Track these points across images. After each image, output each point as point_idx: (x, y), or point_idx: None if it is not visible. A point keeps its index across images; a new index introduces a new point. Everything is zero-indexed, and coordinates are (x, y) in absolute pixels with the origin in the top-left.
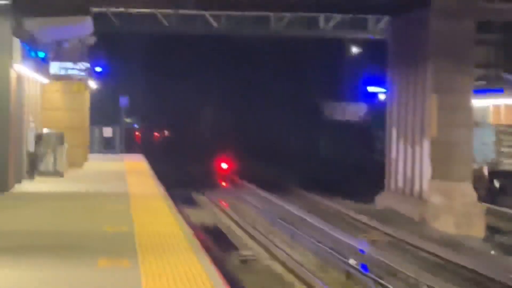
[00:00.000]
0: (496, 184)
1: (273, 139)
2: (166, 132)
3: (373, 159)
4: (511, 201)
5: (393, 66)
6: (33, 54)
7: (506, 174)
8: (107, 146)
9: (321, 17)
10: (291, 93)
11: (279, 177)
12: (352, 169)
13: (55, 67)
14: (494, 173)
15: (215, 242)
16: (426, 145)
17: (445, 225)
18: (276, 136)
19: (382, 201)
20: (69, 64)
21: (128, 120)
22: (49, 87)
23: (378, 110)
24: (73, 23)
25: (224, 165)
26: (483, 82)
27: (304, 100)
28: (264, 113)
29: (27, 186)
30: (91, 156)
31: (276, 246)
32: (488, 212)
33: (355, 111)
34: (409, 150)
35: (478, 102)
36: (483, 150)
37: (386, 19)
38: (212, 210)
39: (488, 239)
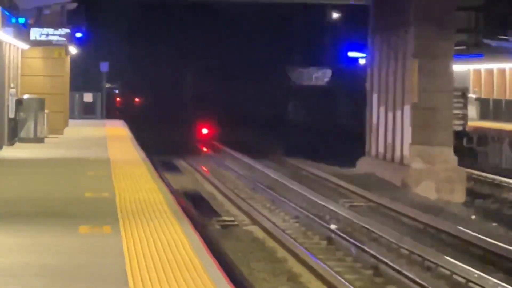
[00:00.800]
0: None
1: (249, 105)
2: (146, 98)
3: (336, 122)
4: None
5: (374, 31)
6: (13, 20)
7: (455, 134)
8: (88, 111)
9: None
10: (265, 59)
11: (256, 142)
12: (318, 132)
13: (35, 33)
14: None
15: (196, 208)
16: (407, 110)
17: (426, 190)
18: (252, 102)
19: (363, 166)
20: (50, 30)
21: (109, 85)
22: (30, 53)
23: (343, 74)
24: None
25: (204, 130)
26: (464, 47)
27: (275, 66)
28: (242, 79)
29: (8, 152)
30: (72, 122)
31: (257, 211)
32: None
33: (321, 76)
34: (390, 115)
35: (459, 67)
36: None
37: None
38: (193, 176)
39: (468, 204)
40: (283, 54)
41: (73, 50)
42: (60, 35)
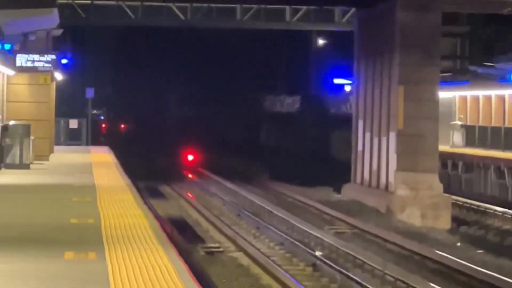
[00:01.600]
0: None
1: (228, 131)
2: (131, 124)
3: (306, 146)
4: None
5: (360, 58)
6: None
7: None
8: (74, 138)
9: (287, 9)
10: (245, 87)
11: (231, 166)
12: (286, 155)
13: (21, 59)
14: None
15: (181, 234)
16: (393, 137)
17: (411, 217)
18: (230, 128)
19: (348, 192)
20: (35, 56)
21: (94, 111)
22: (15, 79)
23: (311, 100)
24: (39, 15)
25: (190, 157)
26: (449, 74)
27: (253, 94)
28: (223, 106)
29: None
30: (58, 148)
31: (242, 237)
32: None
33: (292, 103)
34: (376, 142)
35: (444, 94)
36: None
37: (352, 11)
38: (178, 202)
39: (453, 230)
40: (265, 82)
41: (58, 76)
42: (46, 61)
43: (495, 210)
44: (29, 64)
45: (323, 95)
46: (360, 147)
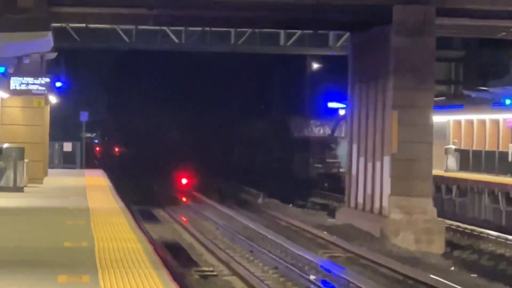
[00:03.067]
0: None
1: (223, 154)
2: (125, 147)
3: (272, 166)
4: None
5: (354, 82)
6: None
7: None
8: (68, 161)
9: (282, 33)
10: (236, 111)
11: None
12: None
13: (15, 82)
14: None
15: (175, 258)
16: (386, 161)
17: (405, 241)
18: (224, 152)
19: (341, 216)
20: (30, 79)
21: (88, 135)
22: (9, 102)
23: (276, 123)
24: (34, 38)
25: (184, 181)
26: (443, 98)
27: (238, 119)
28: (217, 130)
29: None
30: (52, 171)
31: (236, 261)
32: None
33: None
34: (370, 166)
35: (439, 118)
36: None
37: (347, 35)
38: (172, 226)
39: (447, 255)
40: (259, 105)
41: (52, 99)
42: (40, 85)
43: (489, 234)
44: (23, 87)
45: (286, 118)
46: (354, 171)
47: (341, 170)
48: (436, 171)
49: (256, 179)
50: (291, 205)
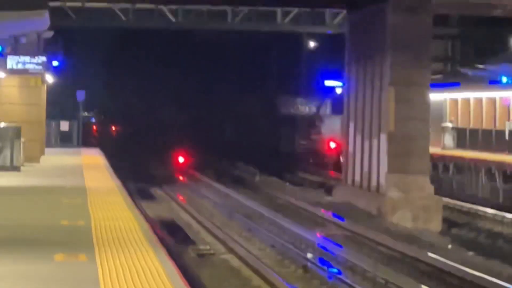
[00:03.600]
0: (341, 158)
1: (220, 132)
2: (122, 126)
3: (260, 142)
4: None
5: (350, 60)
6: None
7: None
8: (65, 140)
9: (279, 11)
10: (232, 89)
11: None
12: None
13: (12, 61)
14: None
15: (172, 236)
16: (383, 138)
17: (403, 219)
18: (221, 129)
19: (339, 194)
20: (26, 59)
21: (85, 114)
22: (6, 82)
23: (264, 101)
24: (30, 17)
25: (181, 159)
26: (440, 76)
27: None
28: (214, 108)
29: None
30: (49, 151)
31: (233, 239)
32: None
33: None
34: (366, 144)
35: (435, 96)
36: (332, 134)
37: (343, 13)
38: (169, 204)
39: (444, 232)
40: (256, 83)
41: (49, 78)
42: (36, 64)
43: (486, 212)
44: (20, 66)
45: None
46: (351, 149)
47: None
48: (433, 149)
49: (246, 154)
50: (287, 183)
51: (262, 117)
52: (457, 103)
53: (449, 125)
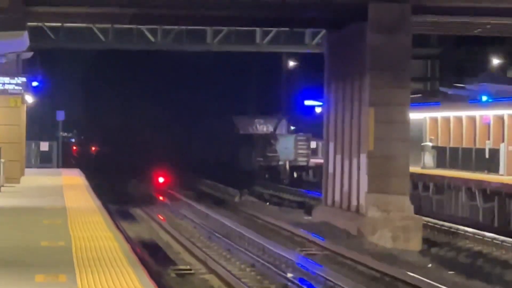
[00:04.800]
0: (295, 174)
1: (198, 152)
2: (102, 146)
3: (222, 160)
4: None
5: (330, 80)
6: None
7: (300, 167)
8: (44, 160)
9: (258, 31)
10: (211, 109)
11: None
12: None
13: None
14: (293, 167)
15: (152, 256)
16: (363, 158)
17: (382, 238)
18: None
19: (318, 214)
20: (6, 79)
21: (65, 134)
22: None
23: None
24: (9, 37)
25: (160, 179)
26: (420, 95)
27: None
28: (191, 128)
29: None
30: (28, 171)
31: (213, 259)
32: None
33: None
34: (346, 164)
35: (415, 115)
36: (286, 152)
37: (323, 33)
38: (149, 224)
39: (425, 252)
40: (235, 104)
41: (29, 99)
42: (16, 84)
43: (466, 231)
44: None
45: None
46: (331, 169)
47: (280, 163)
48: (413, 169)
49: (210, 171)
50: (267, 203)
51: (224, 137)
52: (437, 122)
53: (429, 144)
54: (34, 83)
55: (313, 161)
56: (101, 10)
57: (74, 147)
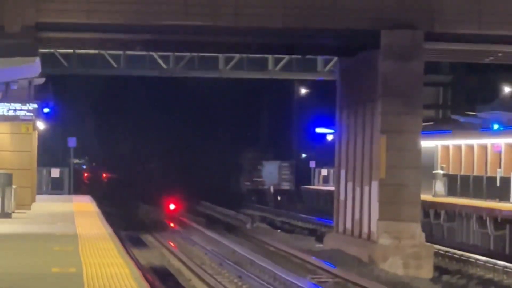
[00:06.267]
0: (278, 198)
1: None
2: (113, 173)
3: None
4: None
5: (342, 107)
6: None
7: (284, 191)
8: (56, 187)
9: (270, 58)
10: (222, 137)
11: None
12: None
13: (3, 108)
14: (277, 191)
15: (164, 283)
16: (375, 186)
17: (394, 266)
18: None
19: (330, 242)
20: (17, 105)
21: (76, 161)
22: None
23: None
24: (21, 64)
25: (172, 206)
26: (432, 123)
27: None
28: (203, 155)
29: None
30: (40, 197)
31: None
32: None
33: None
34: (358, 191)
35: (427, 143)
36: (270, 177)
37: (334, 60)
38: (160, 251)
39: (436, 280)
40: (246, 131)
41: (40, 125)
42: (27, 110)
43: (477, 259)
44: (11, 113)
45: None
46: (342, 197)
47: (264, 187)
48: (424, 196)
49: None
50: (279, 230)
51: (219, 164)
52: (449, 150)
53: (440, 172)
54: (46, 110)
55: (325, 188)
56: (112, 37)
57: (85, 174)
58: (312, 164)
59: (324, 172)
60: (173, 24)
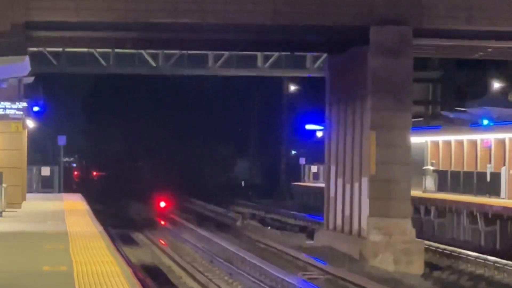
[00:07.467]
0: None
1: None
2: (103, 171)
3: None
4: None
5: (331, 103)
6: None
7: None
8: (46, 185)
9: (259, 55)
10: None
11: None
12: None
13: None
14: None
15: (154, 281)
16: (365, 182)
17: (384, 262)
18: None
19: (320, 238)
20: (7, 104)
21: (66, 159)
22: None
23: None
24: (11, 62)
25: (162, 204)
26: (421, 119)
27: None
28: (193, 152)
29: None
30: (30, 196)
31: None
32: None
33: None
34: (348, 187)
35: (416, 139)
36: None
37: (324, 57)
38: (150, 249)
39: (427, 276)
40: (237, 128)
41: (30, 124)
42: (17, 109)
43: (468, 255)
44: (0, 111)
45: None
46: (332, 193)
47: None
48: (414, 192)
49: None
50: (269, 227)
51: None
52: (439, 146)
53: (431, 168)
54: (35, 108)
55: (315, 185)
56: (102, 35)
57: (76, 172)
58: (302, 160)
59: (314, 168)
60: (162, 22)
